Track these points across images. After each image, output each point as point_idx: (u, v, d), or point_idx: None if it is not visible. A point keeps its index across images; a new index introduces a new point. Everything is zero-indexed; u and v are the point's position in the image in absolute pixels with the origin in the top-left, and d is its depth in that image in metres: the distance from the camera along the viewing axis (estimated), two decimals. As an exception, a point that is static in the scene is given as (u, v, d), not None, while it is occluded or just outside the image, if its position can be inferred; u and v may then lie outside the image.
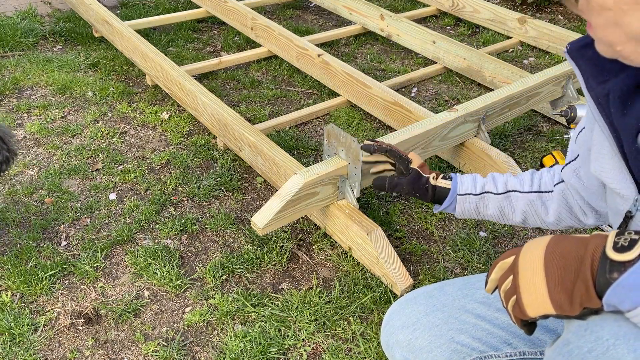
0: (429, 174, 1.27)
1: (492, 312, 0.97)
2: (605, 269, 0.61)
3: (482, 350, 0.95)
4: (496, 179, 1.19)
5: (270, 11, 3.47)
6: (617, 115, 0.75)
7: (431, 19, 3.41)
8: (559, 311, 0.65)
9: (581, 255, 0.64)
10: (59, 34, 2.95)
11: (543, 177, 1.14)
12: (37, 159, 2.03)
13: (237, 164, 2.03)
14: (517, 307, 0.69)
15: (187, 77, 2.18)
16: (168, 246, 1.66)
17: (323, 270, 1.61)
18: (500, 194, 1.17)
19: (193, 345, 1.38)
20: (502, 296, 0.73)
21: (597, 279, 0.62)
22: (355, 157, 1.52)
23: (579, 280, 0.63)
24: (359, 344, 1.38)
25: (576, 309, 0.64)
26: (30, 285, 1.51)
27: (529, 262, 0.69)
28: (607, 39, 0.66)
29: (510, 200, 1.16)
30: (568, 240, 0.68)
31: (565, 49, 0.83)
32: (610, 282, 0.60)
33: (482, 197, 1.19)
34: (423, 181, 1.26)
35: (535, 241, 0.71)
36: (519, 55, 2.95)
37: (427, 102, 2.51)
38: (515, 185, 1.16)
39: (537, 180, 1.14)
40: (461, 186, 1.21)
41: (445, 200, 1.22)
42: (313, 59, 2.45)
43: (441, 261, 1.65)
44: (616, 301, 0.60)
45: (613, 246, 0.62)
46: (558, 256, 0.66)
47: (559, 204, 1.09)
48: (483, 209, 1.20)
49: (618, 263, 0.61)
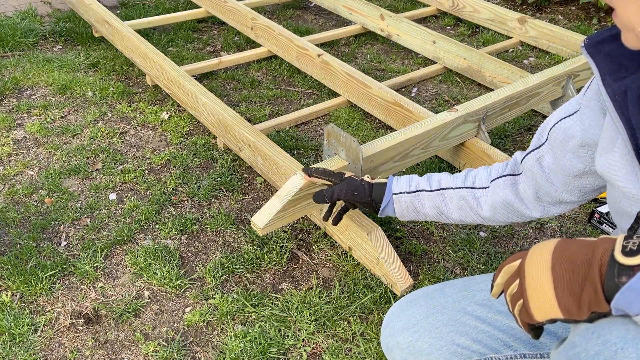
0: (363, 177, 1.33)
1: (493, 315, 0.97)
2: (614, 273, 0.61)
3: (482, 352, 0.95)
4: (431, 177, 1.23)
5: (270, 11, 3.46)
6: (634, 113, 0.74)
7: (431, 19, 3.41)
8: (567, 315, 0.65)
9: (589, 259, 0.64)
10: (59, 34, 2.95)
11: (479, 173, 1.16)
12: (37, 159, 2.03)
13: (237, 164, 2.03)
14: (524, 311, 0.69)
15: (187, 77, 2.18)
16: (168, 246, 1.66)
17: (323, 271, 1.61)
18: (433, 190, 1.20)
19: (193, 346, 1.38)
20: (509, 300, 0.72)
21: (606, 283, 0.61)
22: (355, 157, 1.52)
23: (587, 284, 0.63)
24: (359, 344, 1.38)
25: (584, 313, 0.63)
26: (30, 285, 1.51)
27: (535, 266, 0.68)
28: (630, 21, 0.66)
29: (444, 197, 1.19)
30: (575, 243, 0.67)
31: (582, 43, 0.82)
32: (618, 286, 0.60)
33: (416, 195, 1.22)
34: (359, 181, 1.31)
35: (542, 245, 0.70)
36: (519, 55, 2.95)
37: (427, 102, 2.51)
38: (449, 182, 1.19)
39: (472, 177, 1.17)
40: (397, 184, 1.25)
41: (383, 200, 1.26)
42: (313, 59, 2.45)
43: (441, 261, 1.65)
44: (625, 305, 0.60)
45: (622, 250, 0.62)
46: (566, 260, 0.66)
47: (494, 199, 1.12)
48: (420, 207, 1.23)
49: (627, 267, 0.60)
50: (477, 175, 1.17)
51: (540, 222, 1.81)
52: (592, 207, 1.85)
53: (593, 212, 1.79)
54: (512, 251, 1.70)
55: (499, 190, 1.11)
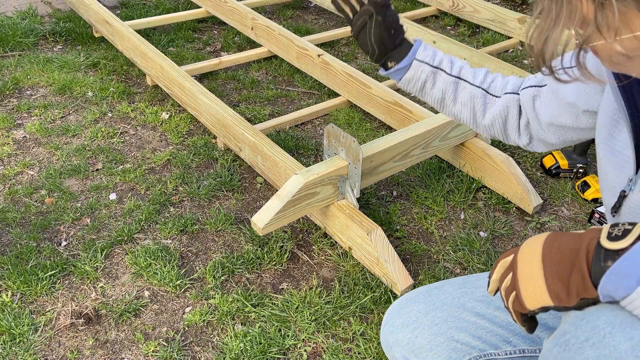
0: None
1: (492, 310, 0.97)
2: (600, 258, 0.62)
3: (481, 348, 0.95)
4: (453, 61, 1.14)
5: (270, 11, 3.47)
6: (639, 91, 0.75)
7: (431, 19, 3.41)
8: (557, 302, 0.66)
9: (577, 248, 0.65)
10: (59, 34, 2.95)
11: (496, 80, 1.13)
12: (37, 159, 2.04)
13: (237, 164, 2.03)
14: (516, 301, 0.70)
15: (187, 77, 2.18)
16: (168, 246, 1.66)
17: (323, 270, 1.61)
18: (451, 75, 1.12)
19: (193, 345, 1.38)
20: (503, 294, 0.73)
21: (592, 268, 0.63)
22: (356, 157, 1.52)
23: (575, 270, 0.64)
24: (359, 344, 1.38)
25: (573, 299, 0.65)
26: (30, 285, 1.51)
27: (527, 257, 0.70)
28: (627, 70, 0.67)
29: (457, 87, 1.13)
30: (565, 236, 0.69)
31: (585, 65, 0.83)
32: (604, 270, 0.61)
33: (435, 72, 1.13)
34: (393, 11, 1.11)
35: (533, 238, 0.72)
36: (519, 55, 2.95)
37: (427, 102, 2.51)
38: (468, 75, 1.13)
39: (489, 81, 1.13)
40: (423, 52, 1.12)
41: (403, 60, 1.12)
42: (313, 59, 2.45)
43: (441, 261, 1.65)
44: (611, 289, 0.61)
45: (607, 236, 0.63)
46: (555, 249, 0.67)
47: (499, 111, 1.10)
48: (429, 85, 1.13)
49: (612, 251, 0.62)
50: (493, 80, 1.13)
51: (540, 223, 1.81)
52: (592, 207, 1.85)
53: (593, 212, 1.79)
54: (512, 251, 1.70)
55: (507, 105, 1.10)
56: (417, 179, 1.98)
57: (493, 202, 1.88)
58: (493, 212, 1.85)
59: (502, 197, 1.89)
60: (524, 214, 1.84)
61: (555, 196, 1.93)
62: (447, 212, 1.84)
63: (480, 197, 1.91)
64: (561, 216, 1.85)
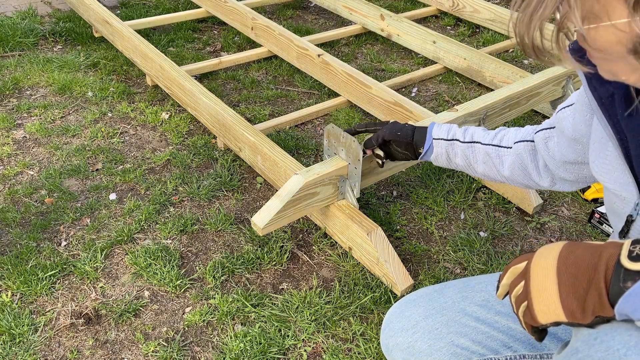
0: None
1: (492, 315, 0.97)
2: (620, 278, 0.61)
3: (482, 353, 0.95)
4: (467, 129, 1.29)
5: (270, 11, 3.46)
6: (623, 116, 0.74)
7: (431, 19, 3.41)
8: (571, 319, 0.64)
9: (595, 263, 0.64)
10: (59, 34, 2.95)
11: (509, 133, 1.23)
12: (37, 159, 2.03)
13: (237, 164, 2.03)
14: (527, 313, 0.69)
15: (187, 77, 2.18)
16: (168, 246, 1.66)
17: (323, 271, 1.61)
18: (465, 142, 1.27)
19: (193, 346, 1.38)
20: (513, 302, 0.72)
21: (611, 288, 0.61)
22: (355, 157, 1.52)
23: (592, 288, 0.63)
24: (359, 344, 1.38)
25: (588, 317, 0.63)
26: (30, 285, 1.51)
27: (541, 269, 0.68)
28: (611, 70, 0.65)
29: (473, 150, 1.26)
30: (582, 247, 0.67)
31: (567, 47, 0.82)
32: (623, 291, 0.60)
33: (451, 144, 1.29)
34: (402, 124, 1.38)
35: (548, 247, 0.70)
36: (519, 55, 2.95)
37: (428, 102, 2.51)
38: (480, 137, 1.25)
39: (501, 136, 1.23)
40: (437, 130, 1.31)
41: (425, 143, 1.32)
42: (313, 59, 2.45)
43: (441, 261, 1.65)
44: (629, 310, 0.60)
45: (628, 255, 0.61)
46: (571, 263, 0.66)
47: (514, 160, 1.18)
48: (453, 156, 1.29)
49: (633, 272, 0.60)
50: (506, 134, 1.22)
51: (540, 222, 1.81)
52: (592, 207, 1.85)
53: (593, 212, 1.79)
54: (512, 251, 1.70)
55: (519, 152, 1.17)
56: (417, 179, 1.98)
57: (493, 202, 1.88)
58: (493, 212, 1.85)
59: (502, 197, 1.89)
60: (524, 214, 1.84)
61: (555, 196, 1.93)
62: (447, 212, 1.84)
63: (480, 197, 1.91)
64: (561, 216, 1.85)
